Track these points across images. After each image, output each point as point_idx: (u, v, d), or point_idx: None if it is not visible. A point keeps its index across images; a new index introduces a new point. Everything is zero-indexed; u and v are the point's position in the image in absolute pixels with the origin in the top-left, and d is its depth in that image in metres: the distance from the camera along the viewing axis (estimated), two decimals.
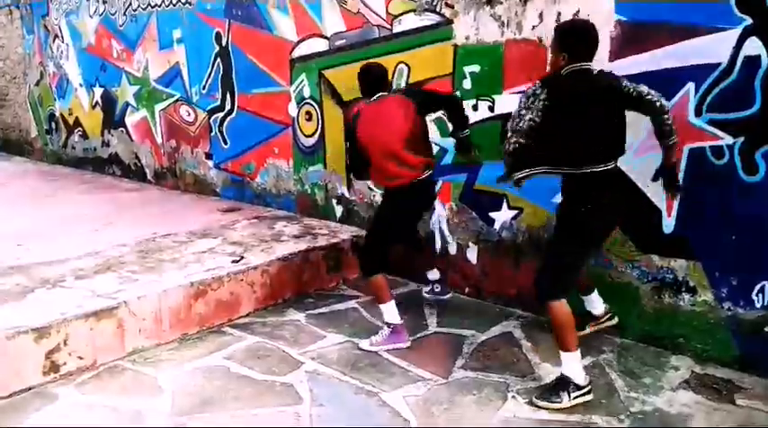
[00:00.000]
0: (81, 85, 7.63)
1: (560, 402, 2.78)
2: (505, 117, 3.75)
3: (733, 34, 2.93)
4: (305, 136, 5.09)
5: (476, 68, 3.88)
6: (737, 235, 3.05)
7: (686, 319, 3.26)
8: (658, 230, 3.27)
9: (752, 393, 2.92)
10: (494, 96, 3.82)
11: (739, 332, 3.11)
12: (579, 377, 2.84)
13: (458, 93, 3.97)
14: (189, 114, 6.20)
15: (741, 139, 2.98)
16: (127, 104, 6.99)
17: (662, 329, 3.35)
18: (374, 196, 4.61)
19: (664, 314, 3.33)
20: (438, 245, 4.25)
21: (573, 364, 2.84)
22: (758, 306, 3.03)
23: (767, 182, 2.93)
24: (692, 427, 2.65)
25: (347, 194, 4.83)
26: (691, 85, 3.08)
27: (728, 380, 3.02)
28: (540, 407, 2.79)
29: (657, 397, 2.88)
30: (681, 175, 3.14)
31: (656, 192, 3.23)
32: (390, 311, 3.43)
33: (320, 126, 4.94)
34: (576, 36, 2.73)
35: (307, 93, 4.98)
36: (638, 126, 2.91)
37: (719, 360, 3.17)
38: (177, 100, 6.30)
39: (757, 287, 3.02)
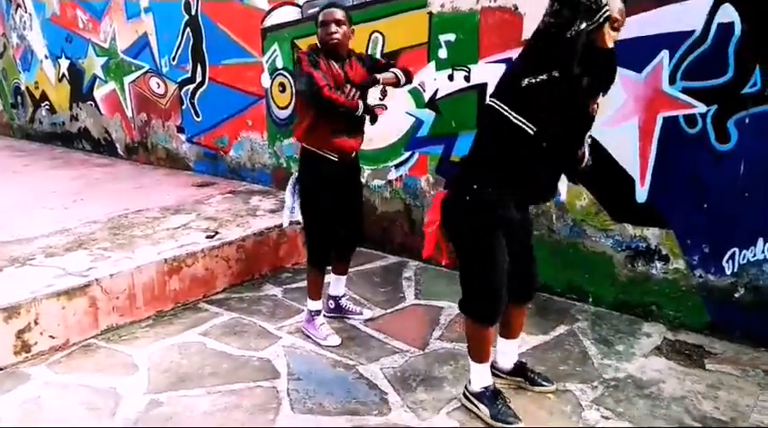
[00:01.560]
0: (46, 57, 7.38)
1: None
2: (481, 87, 3.75)
3: (706, 1, 2.91)
4: (279, 107, 5.00)
5: (451, 37, 3.81)
6: (709, 203, 3.08)
7: (659, 287, 3.31)
8: (631, 199, 3.30)
9: (722, 358, 2.98)
10: (469, 65, 3.77)
11: (710, 298, 3.16)
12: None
13: (433, 62, 3.92)
14: (159, 86, 6.04)
15: (714, 108, 2.99)
16: (95, 77, 6.78)
17: (635, 297, 3.40)
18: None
19: (637, 282, 3.38)
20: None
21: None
22: (728, 273, 3.09)
23: (739, 151, 2.95)
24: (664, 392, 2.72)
25: None
26: (665, 53, 3.07)
27: (699, 346, 3.09)
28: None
29: (630, 364, 2.94)
30: (654, 144, 3.16)
31: (628, 162, 3.26)
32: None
33: (294, 97, 4.84)
34: None
35: (280, 63, 4.88)
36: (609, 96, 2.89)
37: (691, 326, 3.23)
38: (146, 71, 6.13)
39: (728, 254, 3.08)
